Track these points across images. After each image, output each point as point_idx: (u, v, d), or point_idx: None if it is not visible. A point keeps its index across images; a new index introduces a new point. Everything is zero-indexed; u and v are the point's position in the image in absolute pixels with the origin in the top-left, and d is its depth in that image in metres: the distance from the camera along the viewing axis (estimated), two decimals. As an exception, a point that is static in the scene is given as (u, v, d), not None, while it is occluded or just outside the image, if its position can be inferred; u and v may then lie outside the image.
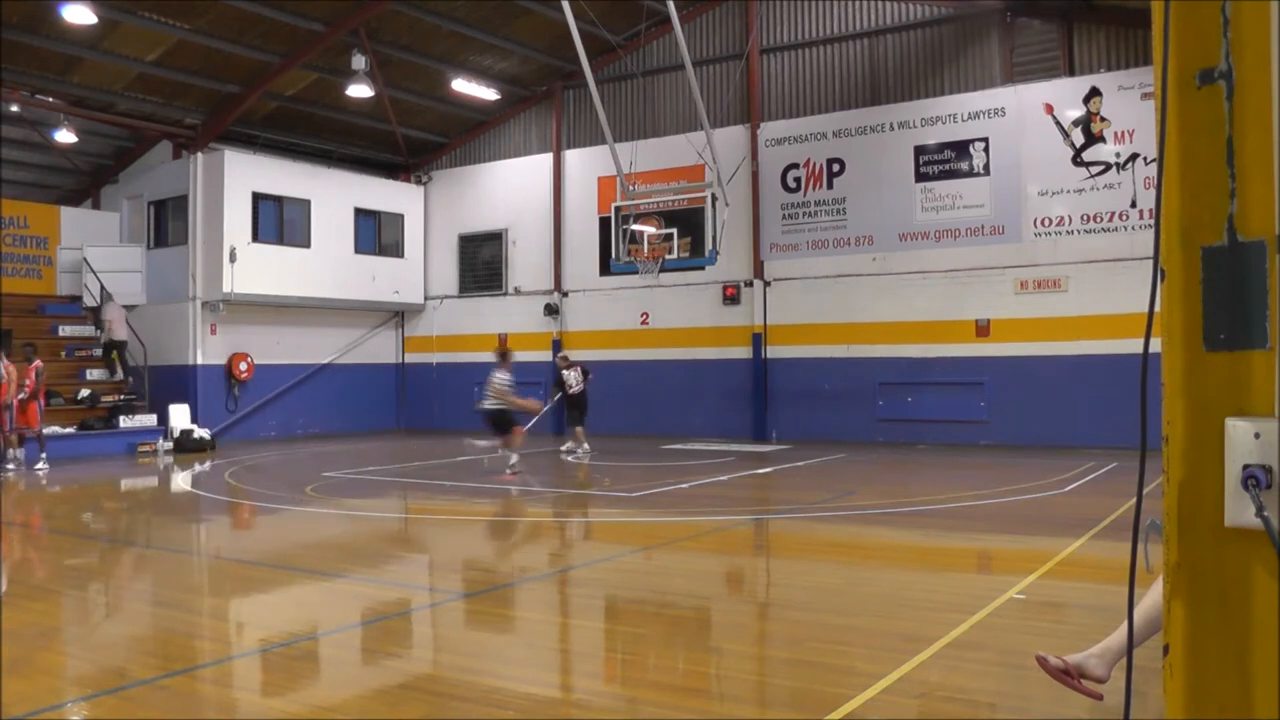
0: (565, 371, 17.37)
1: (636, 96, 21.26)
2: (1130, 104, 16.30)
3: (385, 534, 10.03)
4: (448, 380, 23.42)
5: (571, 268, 22.10)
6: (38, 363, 15.87)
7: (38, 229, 20.59)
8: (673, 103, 20.73)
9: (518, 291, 22.84)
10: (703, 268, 18.49)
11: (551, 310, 22.13)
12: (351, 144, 23.09)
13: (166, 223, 21.11)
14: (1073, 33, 17.10)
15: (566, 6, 15.16)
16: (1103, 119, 16.60)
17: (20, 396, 15.60)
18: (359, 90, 19.36)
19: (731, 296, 19.94)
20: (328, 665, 5.35)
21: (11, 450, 15.35)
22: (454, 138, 23.85)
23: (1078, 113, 16.82)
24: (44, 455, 15.67)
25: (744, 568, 8.31)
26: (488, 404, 13.93)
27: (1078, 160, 16.80)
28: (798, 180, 19.45)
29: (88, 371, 19.36)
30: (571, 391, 17.20)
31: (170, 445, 18.47)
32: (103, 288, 19.87)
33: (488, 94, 21.74)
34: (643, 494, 11.98)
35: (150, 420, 18.86)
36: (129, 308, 20.22)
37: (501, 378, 13.88)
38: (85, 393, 18.82)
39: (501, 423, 13.91)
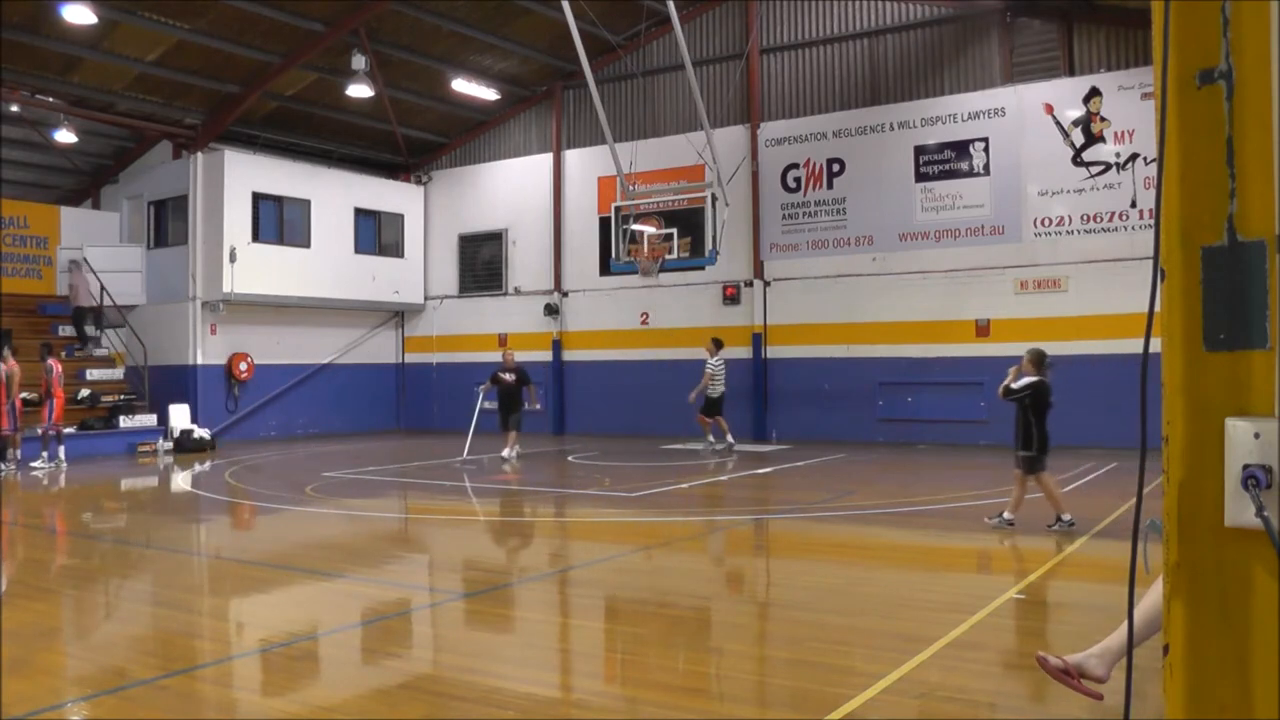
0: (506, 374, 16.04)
1: (636, 96, 21.26)
2: (1130, 104, 16.30)
3: (385, 534, 10.03)
4: (447, 380, 23.41)
5: (571, 268, 22.10)
6: (48, 361, 15.84)
7: (38, 229, 20.59)
8: (673, 103, 20.73)
9: (518, 291, 22.84)
10: (703, 268, 18.48)
11: (551, 310, 22.12)
12: (351, 144, 23.08)
13: (166, 223, 21.11)
14: (1073, 33, 17.09)
15: (566, 6, 15.16)
16: (1103, 119, 16.59)
17: (24, 396, 15.59)
18: (359, 90, 19.36)
19: (731, 296, 19.94)
20: (328, 665, 5.35)
21: (11, 450, 15.34)
22: (454, 138, 23.85)
23: (1078, 113, 16.82)
24: (45, 454, 15.65)
25: (744, 568, 8.31)
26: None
27: (1078, 160, 16.79)
28: (798, 180, 19.45)
29: (88, 371, 19.37)
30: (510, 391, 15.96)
31: (170, 445, 18.47)
32: (84, 260, 19.79)
33: (488, 94, 21.74)
34: (642, 494, 11.98)
35: (150, 420, 18.86)
36: (128, 308, 20.23)
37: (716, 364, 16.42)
38: (85, 393, 18.82)
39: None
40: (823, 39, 19.35)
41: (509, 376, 15.90)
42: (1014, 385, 8.92)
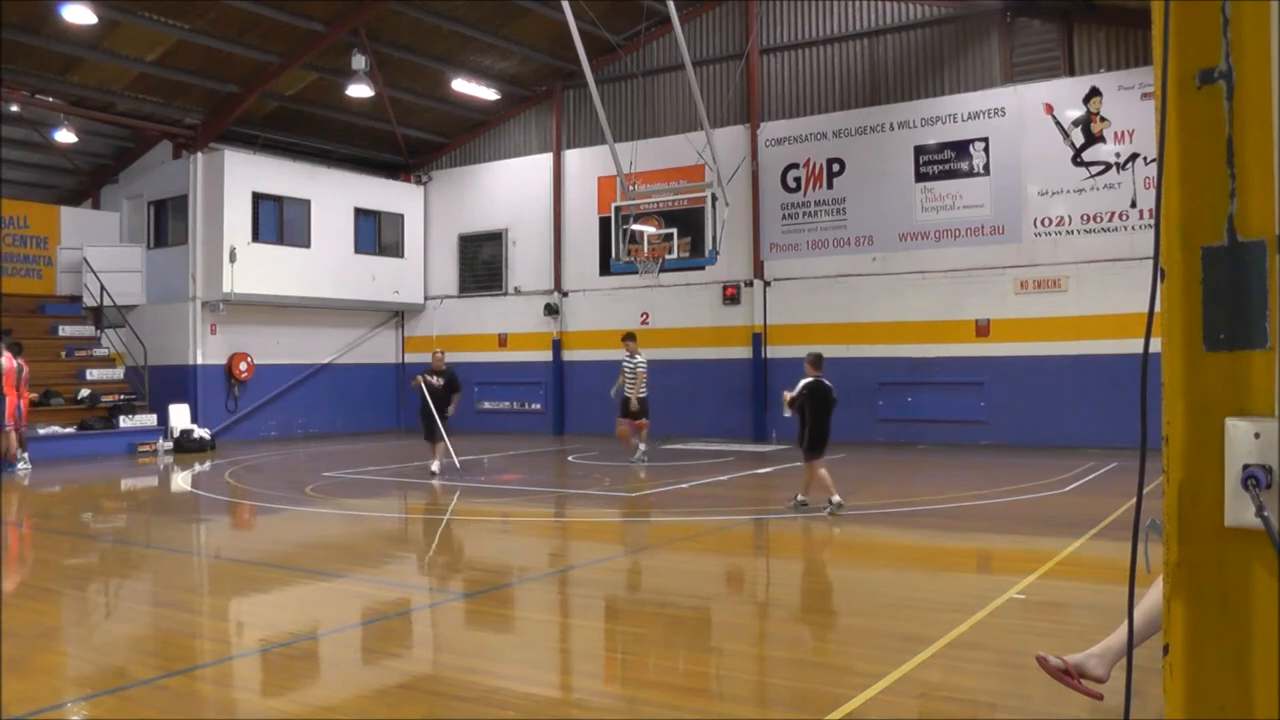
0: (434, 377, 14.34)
1: (636, 96, 21.26)
2: (1130, 104, 16.30)
3: (385, 534, 10.04)
4: (448, 380, 23.37)
5: (571, 268, 22.10)
6: (17, 360, 15.55)
7: (38, 229, 20.59)
8: (673, 103, 20.72)
9: (518, 291, 22.83)
10: (703, 268, 18.48)
11: (551, 310, 22.12)
12: (351, 144, 23.08)
13: (166, 223, 21.11)
14: (1073, 33, 17.09)
15: (566, 6, 15.16)
16: (1103, 119, 16.59)
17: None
18: (359, 90, 19.35)
19: (731, 296, 19.94)
20: (328, 665, 5.35)
21: (15, 450, 15.24)
22: (454, 138, 23.85)
23: (1078, 113, 16.82)
24: (25, 454, 15.49)
25: (744, 568, 8.31)
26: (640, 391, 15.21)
27: (1078, 160, 16.79)
28: (798, 180, 19.45)
29: (88, 371, 19.37)
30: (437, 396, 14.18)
31: (170, 445, 18.47)
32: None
33: (488, 94, 21.74)
34: (643, 494, 11.98)
35: (150, 420, 18.86)
36: (128, 308, 20.24)
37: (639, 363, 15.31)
38: (85, 393, 18.82)
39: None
40: (823, 39, 19.35)
41: (436, 380, 14.21)
42: (794, 393, 10.12)
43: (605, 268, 19.67)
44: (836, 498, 9.78)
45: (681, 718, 4.30)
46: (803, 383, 10.11)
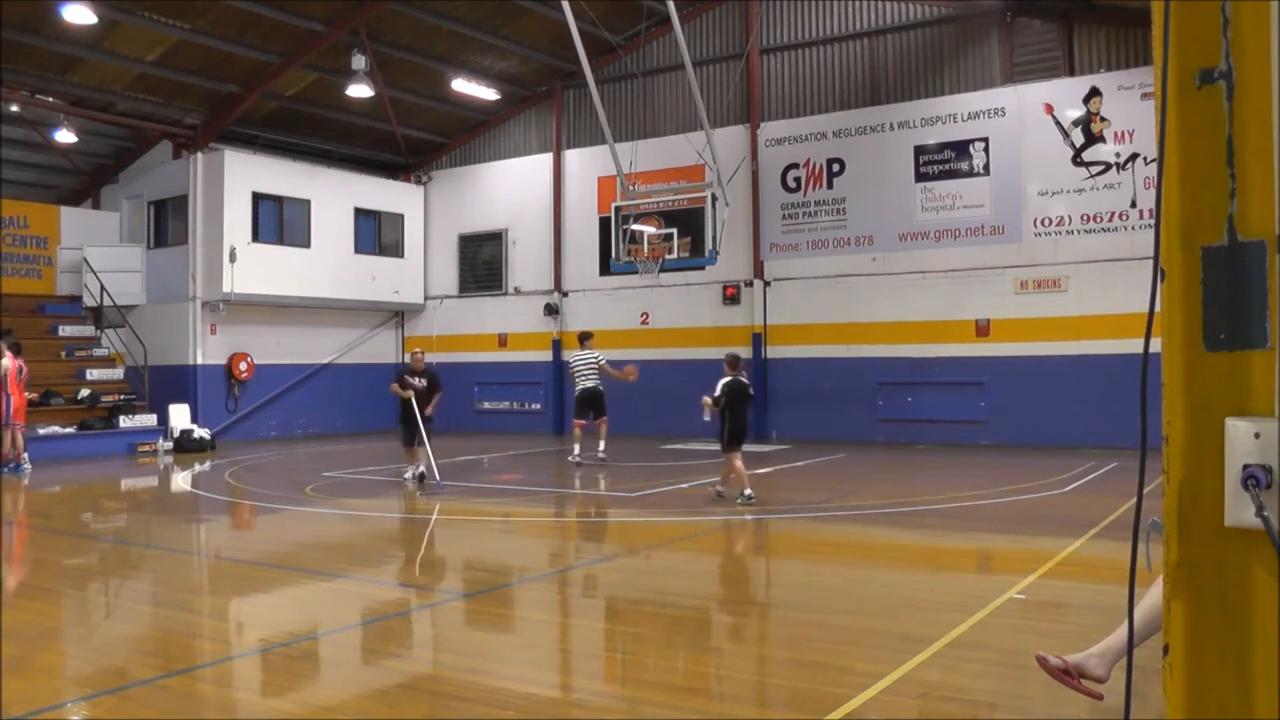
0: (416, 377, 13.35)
1: (636, 96, 21.26)
2: (1130, 104, 16.30)
3: (385, 534, 10.03)
4: (447, 380, 23.29)
5: (571, 268, 22.10)
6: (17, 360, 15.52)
7: (38, 229, 20.59)
8: (673, 103, 20.72)
9: (518, 291, 22.83)
10: (703, 268, 18.48)
11: (551, 310, 22.13)
12: (351, 144, 23.07)
13: (166, 223, 21.11)
14: (1073, 33, 17.10)
15: (566, 6, 15.17)
16: (1103, 119, 16.59)
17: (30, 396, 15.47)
18: (359, 90, 19.35)
19: (731, 296, 19.94)
20: (328, 665, 5.35)
21: (22, 449, 15.19)
22: (454, 138, 23.85)
23: (1078, 113, 16.82)
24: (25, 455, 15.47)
25: (744, 568, 8.31)
26: (591, 382, 15.17)
27: (1078, 160, 16.79)
28: (798, 180, 19.45)
29: (88, 371, 19.37)
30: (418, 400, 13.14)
31: (170, 445, 18.47)
32: None
33: (488, 94, 21.73)
34: (643, 494, 11.98)
35: (150, 420, 18.86)
36: (128, 308, 20.23)
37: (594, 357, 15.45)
38: (85, 393, 18.82)
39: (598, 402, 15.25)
40: (823, 39, 19.35)
41: (419, 381, 13.30)
42: (715, 394, 10.81)
43: (605, 268, 19.66)
44: (749, 490, 10.60)
45: (681, 718, 4.30)
46: (722, 382, 10.77)
